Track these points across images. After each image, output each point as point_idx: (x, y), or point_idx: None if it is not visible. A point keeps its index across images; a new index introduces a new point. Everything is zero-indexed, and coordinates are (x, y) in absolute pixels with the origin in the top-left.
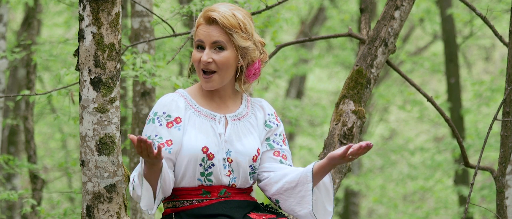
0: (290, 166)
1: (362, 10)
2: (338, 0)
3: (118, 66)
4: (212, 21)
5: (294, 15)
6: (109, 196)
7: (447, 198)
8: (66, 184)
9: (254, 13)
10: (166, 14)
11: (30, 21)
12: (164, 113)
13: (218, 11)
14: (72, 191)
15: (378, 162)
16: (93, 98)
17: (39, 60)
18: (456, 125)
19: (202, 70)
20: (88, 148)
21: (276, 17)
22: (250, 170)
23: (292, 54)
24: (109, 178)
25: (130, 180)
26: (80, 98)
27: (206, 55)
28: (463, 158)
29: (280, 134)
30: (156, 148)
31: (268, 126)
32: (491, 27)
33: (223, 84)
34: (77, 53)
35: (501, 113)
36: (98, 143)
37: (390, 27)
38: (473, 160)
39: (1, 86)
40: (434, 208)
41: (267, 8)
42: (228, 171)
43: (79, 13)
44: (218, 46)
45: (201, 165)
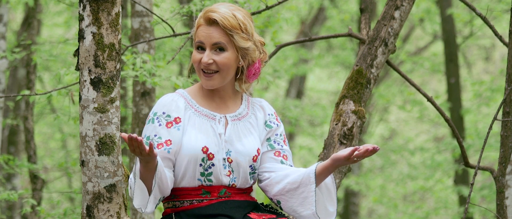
0: (291, 167)
1: (362, 10)
2: (338, 0)
3: (118, 66)
4: (212, 22)
5: (294, 15)
6: (109, 196)
7: (447, 198)
8: (66, 184)
9: (254, 13)
10: (166, 14)
11: (30, 21)
12: (163, 113)
13: (218, 12)
14: (72, 191)
15: (378, 162)
16: (93, 98)
17: (39, 60)
18: (456, 125)
19: (202, 70)
20: (88, 148)
21: (276, 17)
22: (250, 170)
23: (292, 54)
24: (109, 178)
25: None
26: (80, 98)
27: (206, 57)
28: (463, 158)
29: (280, 134)
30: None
31: (268, 126)
32: (491, 27)
33: (224, 84)
34: (77, 53)
35: (501, 113)
36: (98, 143)
37: (390, 27)
38: (473, 160)
39: (1, 86)
40: (434, 208)
41: (267, 8)
42: (228, 171)
43: (79, 13)
44: (219, 47)
45: (201, 165)
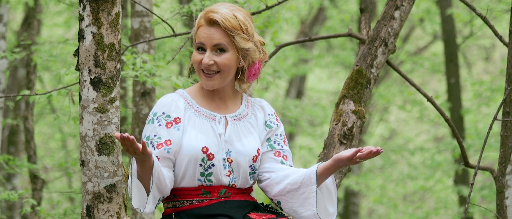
0: (291, 167)
1: (362, 10)
2: (338, 0)
3: (118, 66)
4: (213, 23)
5: (294, 15)
6: (109, 196)
7: (447, 198)
8: (66, 184)
9: (254, 13)
10: (166, 14)
11: (30, 21)
12: (163, 113)
13: (219, 13)
14: (72, 191)
15: (378, 162)
16: (93, 98)
17: (39, 60)
18: (456, 125)
19: (203, 70)
20: (88, 148)
21: (276, 17)
22: (250, 170)
23: (292, 54)
24: (109, 178)
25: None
26: (80, 98)
27: (207, 58)
28: (463, 158)
29: (280, 135)
30: (148, 145)
31: (268, 127)
32: (491, 27)
33: (224, 84)
34: (77, 53)
35: (501, 113)
36: (98, 143)
37: (390, 27)
38: (473, 160)
39: (1, 86)
40: (434, 208)
41: (267, 8)
42: (228, 171)
43: (79, 13)
44: (220, 48)
45: (201, 165)
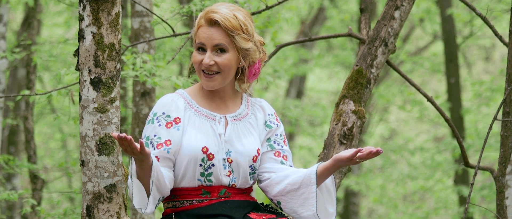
0: (291, 167)
1: (362, 10)
2: (338, 0)
3: (118, 66)
4: (213, 23)
5: (294, 15)
6: (109, 196)
7: (447, 198)
8: (66, 184)
9: (254, 13)
10: (166, 14)
11: (30, 21)
12: (163, 113)
13: (219, 13)
14: (72, 191)
15: (378, 162)
16: (93, 98)
17: (39, 60)
18: (456, 125)
19: (203, 71)
20: (88, 148)
21: (276, 17)
22: (250, 170)
23: (292, 54)
24: (109, 178)
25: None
26: (80, 98)
27: (208, 58)
28: (463, 158)
29: (280, 135)
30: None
31: (268, 127)
32: (491, 27)
33: (224, 84)
34: (77, 53)
35: (501, 113)
36: (98, 143)
37: (390, 27)
38: (473, 160)
39: (1, 86)
40: (434, 208)
41: (267, 8)
42: (228, 171)
43: (79, 13)
44: (220, 49)
45: (201, 165)
